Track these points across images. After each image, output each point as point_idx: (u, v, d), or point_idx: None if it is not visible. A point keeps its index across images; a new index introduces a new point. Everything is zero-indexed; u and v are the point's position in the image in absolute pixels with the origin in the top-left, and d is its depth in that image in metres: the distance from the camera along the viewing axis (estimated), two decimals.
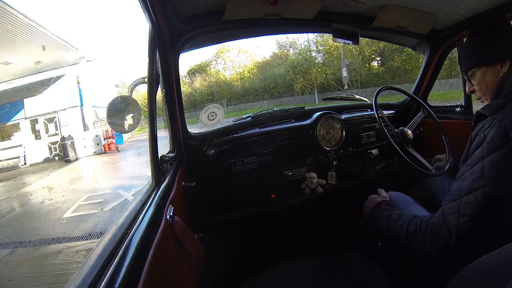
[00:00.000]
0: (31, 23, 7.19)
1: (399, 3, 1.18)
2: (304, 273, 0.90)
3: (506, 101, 0.66)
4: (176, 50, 1.09)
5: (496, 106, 0.68)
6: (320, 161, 1.41)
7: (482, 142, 0.66)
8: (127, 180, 5.61)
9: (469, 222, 0.63)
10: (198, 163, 1.29)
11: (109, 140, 10.35)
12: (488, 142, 0.64)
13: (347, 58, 16.58)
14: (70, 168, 8.47)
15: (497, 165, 0.61)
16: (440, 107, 1.70)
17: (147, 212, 0.60)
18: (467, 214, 0.64)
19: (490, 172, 0.62)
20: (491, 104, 0.71)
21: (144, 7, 0.79)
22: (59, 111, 10.89)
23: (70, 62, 10.54)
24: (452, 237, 0.65)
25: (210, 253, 0.91)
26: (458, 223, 0.65)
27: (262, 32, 1.40)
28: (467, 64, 0.79)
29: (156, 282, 0.48)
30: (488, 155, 0.63)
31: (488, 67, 0.74)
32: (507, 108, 0.65)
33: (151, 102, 0.80)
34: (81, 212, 4.08)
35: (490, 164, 0.62)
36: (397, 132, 1.33)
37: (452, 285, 0.61)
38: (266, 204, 1.37)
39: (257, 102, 20.56)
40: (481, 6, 1.15)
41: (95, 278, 0.38)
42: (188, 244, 0.71)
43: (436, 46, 1.53)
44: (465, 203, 0.64)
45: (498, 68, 0.72)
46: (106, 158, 9.19)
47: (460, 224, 0.64)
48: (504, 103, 0.66)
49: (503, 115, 0.65)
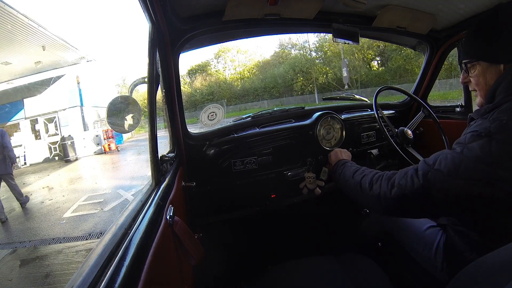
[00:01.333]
0: (31, 23, 7.19)
1: (399, 3, 1.18)
2: (304, 273, 0.90)
3: (495, 106, 0.67)
4: (176, 50, 1.09)
5: (485, 111, 0.69)
6: (320, 161, 1.41)
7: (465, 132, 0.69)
8: (127, 180, 5.61)
9: (438, 174, 0.65)
10: (198, 163, 1.29)
11: (109, 140, 10.35)
12: (470, 132, 0.65)
13: (347, 56, 16.59)
14: (70, 168, 8.47)
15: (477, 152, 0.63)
16: (440, 107, 1.70)
17: (147, 212, 0.60)
18: (440, 169, 0.65)
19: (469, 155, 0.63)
20: (481, 109, 0.72)
21: (144, 7, 0.79)
22: (59, 111, 10.90)
23: (70, 62, 10.55)
24: (419, 178, 0.67)
25: (210, 253, 0.91)
26: (429, 170, 0.67)
27: (262, 32, 1.39)
28: (470, 54, 0.75)
29: (156, 282, 0.48)
30: (469, 142, 0.64)
31: (491, 64, 0.71)
32: (495, 111, 0.66)
33: (151, 102, 0.80)
34: (81, 212, 4.08)
35: (469, 149, 0.63)
36: (397, 132, 1.33)
37: (452, 285, 0.61)
38: (266, 204, 1.37)
39: (257, 102, 20.57)
40: (481, 6, 1.15)
41: (95, 278, 0.38)
42: (188, 244, 0.71)
43: (436, 46, 1.53)
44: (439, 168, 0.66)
45: (501, 68, 0.70)
46: (106, 158, 9.19)
47: (430, 171, 0.66)
48: (493, 108, 0.67)
49: (489, 114, 0.66)
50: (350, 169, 0.93)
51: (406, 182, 0.69)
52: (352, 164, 0.97)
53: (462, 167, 0.63)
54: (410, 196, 0.68)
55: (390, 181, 0.73)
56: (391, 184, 0.73)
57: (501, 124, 0.62)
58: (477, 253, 0.75)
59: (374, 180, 0.78)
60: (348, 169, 0.94)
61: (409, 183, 0.68)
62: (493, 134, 0.61)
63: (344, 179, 0.93)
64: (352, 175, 0.88)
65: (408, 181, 0.69)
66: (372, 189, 0.77)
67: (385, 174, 0.77)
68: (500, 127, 0.61)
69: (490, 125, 0.63)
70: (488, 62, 0.72)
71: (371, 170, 0.85)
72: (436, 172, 0.65)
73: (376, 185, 0.76)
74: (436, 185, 0.65)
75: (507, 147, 0.60)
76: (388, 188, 0.73)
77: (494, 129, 0.62)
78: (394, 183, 0.72)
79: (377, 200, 0.75)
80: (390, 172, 0.77)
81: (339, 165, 1.02)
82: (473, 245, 0.78)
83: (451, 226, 0.85)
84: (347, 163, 0.99)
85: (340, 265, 0.91)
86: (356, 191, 0.84)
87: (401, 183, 0.70)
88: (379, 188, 0.75)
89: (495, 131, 0.62)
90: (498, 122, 0.62)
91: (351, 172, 0.90)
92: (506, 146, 0.60)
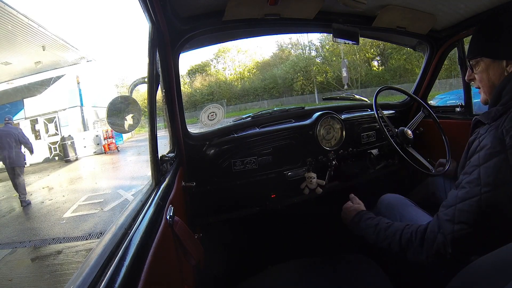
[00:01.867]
0: (31, 23, 7.18)
1: (399, 3, 1.18)
2: (304, 273, 0.90)
3: (506, 108, 0.65)
4: (176, 50, 1.09)
5: (495, 114, 0.67)
6: (320, 161, 1.41)
7: (478, 149, 0.66)
8: (127, 180, 5.61)
9: (464, 230, 0.63)
10: (198, 163, 1.29)
11: (109, 140, 10.35)
12: (484, 149, 0.63)
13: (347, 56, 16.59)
14: (70, 168, 8.47)
15: (493, 173, 0.61)
16: (440, 107, 1.70)
17: (147, 212, 0.60)
18: (462, 221, 0.64)
19: (486, 179, 0.61)
20: (490, 111, 0.70)
21: (144, 7, 0.79)
22: (59, 111, 10.89)
23: (70, 62, 10.54)
24: (448, 245, 0.65)
25: (210, 253, 0.91)
26: (453, 230, 0.64)
27: (262, 32, 1.39)
28: (474, 52, 0.76)
29: (156, 282, 0.48)
30: (485, 162, 0.62)
31: (494, 61, 0.71)
32: (504, 116, 0.64)
33: (151, 102, 0.80)
34: (81, 212, 4.08)
35: (486, 171, 0.61)
36: (397, 132, 1.33)
37: (452, 285, 0.61)
38: (266, 204, 1.37)
39: (257, 102, 20.58)
40: (481, 6, 1.15)
41: (95, 278, 0.38)
42: (188, 244, 0.71)
43: (436, 46, 1.53)
44: (460, 210, 0.64)
45: (503, 65, 0.70)
46: (106, 158, 9.19)
47: (455, 231, 0.64)
48: (504, 111, 0.65)
49: (500, 122, 0.64)
50: (369, 230, 0.86)
51: (438, 250, 0.67)
52: (366, 224, 0.88)
53: (483, 207, 0.61)
54: (446, 261, 0.67)
55: (423, 248, 0.70)
56: (426, 253, 0.70)
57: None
58: (477, 253, 0.75)
59: (404, 247, 0.74)
60: (367, 230, 0.87)
61: (442, 252, 0.66)
62: (510, 148, 0.59)
63: (371, 241, 0.86)
64: (376, 240, 0.83)
65: (440, 249, 0.66)
66: (407, 256, 0.74)
67: (415, 238, 0.72)
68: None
69: (505, 137, 0.60)
70: (490, 58, 0.72)
71: (392, 229, 0.79)
72: (461, 228, 0.64)
73: (409, 252, 0.73)
74: (466, 240, 0.64)
75: None
76: (425, 257, 0.70)
77: (510, 142, 0.59)
78: (428, 253, 0.69)
79: (416, 264, 0.74)
80: (417, 233, 0.72)
81: (354, 228, 0.94)
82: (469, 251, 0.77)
83: None
84: (360, 223, 0.91)
85: (340, 265, 0.91)
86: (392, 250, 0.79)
87: (435, 253, 0.68)
88: (413, 257, 0.72)
89: (511, 145, 0.59)
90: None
91: (373, 236, 0.84)
92: None
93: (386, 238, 0.79)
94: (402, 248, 0.74)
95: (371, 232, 0.84)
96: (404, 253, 0.74)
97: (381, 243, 0.80)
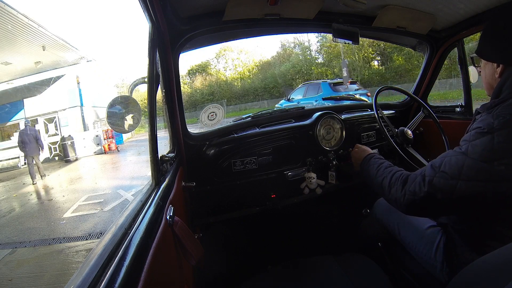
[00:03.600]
0: (31, 23, 7.17)
1: (399, 3, 1.18)
2: (304, 273, 0.90)
3: (502, 101, 0.69)
4: (176, 50, 1.09)
5: (490, 105, 0.71)
6: (320, 161, 1.41)
7: (470, 129, 0.71)
8: (127, 180, 5.61)
9: (443, 178, 0.68)
10: (198, 163, 1.29)
11: (109, 140, 10.35)
12: (476, 129, 0.68)
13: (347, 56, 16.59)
14: (70, 168, 8.47)
15: (479, 150, 0.65)
16: (440, 107, 1.70)
17: (147, 212, 0.60)
18: (444, 171, 0.68)
19: (472, 155, 0.65)
20: (487, 103, 0.74)
21: (144, 7, 0.79)
22: (59, 111, 10.89)
23: (70, 62, 10.54)
24: (425, 185, 0.70)
25: (210, 253, 0.91)
26: (434, 175, 0.69)
27: (262, 32, 1.40)
28: (477, 50, 0.81)
29: (156, 282, 0.48)
30: (474, 140, 0.66)
31: (487, 62, 0.77)
32: (499, 106, 0.68)
33: (151, 102, 0.80)
34: (81, 212, 4.07)
35: (473, 148, 0.65)
36: (397, 132, 1.33)
37: (452, 285, 0.61)
38: (266, 204, 1.37)
39: (257, 102, 20.57)
40: (481, 6, 1.15)
41: (95, 278, 0.38)
42: (188, 244, 0.71)
43: (436, 46, 1.53)
44: (447, 163, 0.69)
45: (494, 67, 0.74)
46: (106, 158, 9.18)
47: (435, 176, 0.69)
48: (499, 102, 0.69)
49: (494, 110, 0.68)
50: (374, 166, 0.94)
51: (414, 189, 0.72)
52: (375, 161, 0.97)
53: (464, 168, 0.65)
54: (419, 202, 0.71)
55: (404, 186, 0.76)
56: (404, 190, 0.75)
57: (504, 120, 0.63)
58: (477, 253, 0.75)
59: (392, 183, 0.81)
60: (372, 166, 0.95)
61: (417, 190, 0.72)
62: (496, 131, 0.63)
63: (369, 177, 0.94)
64: (375, 174, 0.90)
65: (416, 187, 0.72)
66: (390, 193, 0.80)
67: (401, 177, 0.79)
68: (503, 123, 0.63)
69: (494, 121, 0.65)
70: (483, 59, 0.78)
71: (391, 168, 0.87)
72: (441, 175, 0.68)
73: (393, 189, 0.79)
74: (441, 189, 0.67)
75: (509, 144, 0.61)
76: (402, 194, 0.76)
77: (497, 125, 0.63)
78: (406, 189, 0.75)
79: (394, 203, 0.79)
80: (405, 174, 0.80)
81: (364, 164, 1.01)
82: (473, 245, 0.78)
83: (451, 225, 0.85)
84: (371, 160, 0.99)
85: (340, 265, 0.91)
86: (379, 191, 0.87)
87: (411, 190, 0.73)
88: (395, 193, 0.78)
89: (498, 127, 0.63)
90: (502, 118, 0.64)
91: (374, 171, 0.92)
92: (508, 142, 0.61)
93: (383, 174, 0.86)
94: (390, 184, 0.81)
95: (375, 168, 0.92)
96: (390, 189, 0.80)
97: (378, 178, 0.87)
